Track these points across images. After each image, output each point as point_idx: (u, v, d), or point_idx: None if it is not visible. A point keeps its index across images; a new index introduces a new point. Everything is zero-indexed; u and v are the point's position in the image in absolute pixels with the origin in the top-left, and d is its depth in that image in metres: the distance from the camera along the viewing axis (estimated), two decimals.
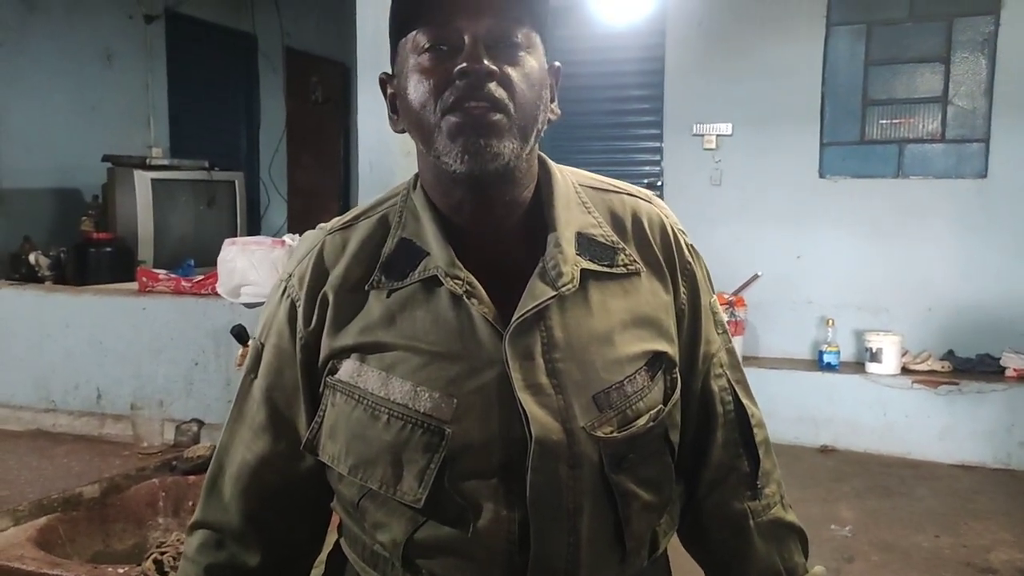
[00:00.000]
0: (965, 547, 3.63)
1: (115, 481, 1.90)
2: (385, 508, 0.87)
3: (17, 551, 1.55)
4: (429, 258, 0.88)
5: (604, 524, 0.87)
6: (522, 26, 0.87)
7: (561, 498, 0.84)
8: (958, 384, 4.80)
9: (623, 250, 0.93)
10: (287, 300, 0.94)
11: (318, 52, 6.56)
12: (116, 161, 4.34)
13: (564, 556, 0.84)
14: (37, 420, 2.29)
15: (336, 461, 0.89)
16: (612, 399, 0.87)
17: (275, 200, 6.19)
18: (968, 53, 5.09)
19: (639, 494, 0.88)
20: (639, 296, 0.92)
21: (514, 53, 0.86)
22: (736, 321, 5.21)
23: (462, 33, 0.84)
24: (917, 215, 5.21)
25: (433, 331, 0.86)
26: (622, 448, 0.87)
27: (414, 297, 0.88)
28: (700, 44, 5.60)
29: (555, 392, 0.85)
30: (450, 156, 0.84)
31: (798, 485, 4.36)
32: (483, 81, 0.83)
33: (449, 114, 0.83)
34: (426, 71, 0.85)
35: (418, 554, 0.86)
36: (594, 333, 0.88)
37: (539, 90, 0.88)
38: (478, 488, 0.84)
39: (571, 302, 0.88)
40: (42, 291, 2.51)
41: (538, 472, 0.83)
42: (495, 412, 0.84)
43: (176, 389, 2.18)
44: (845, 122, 5.36)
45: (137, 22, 5.05)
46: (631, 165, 5.84)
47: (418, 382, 0.85)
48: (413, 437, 0.84)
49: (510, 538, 0.84)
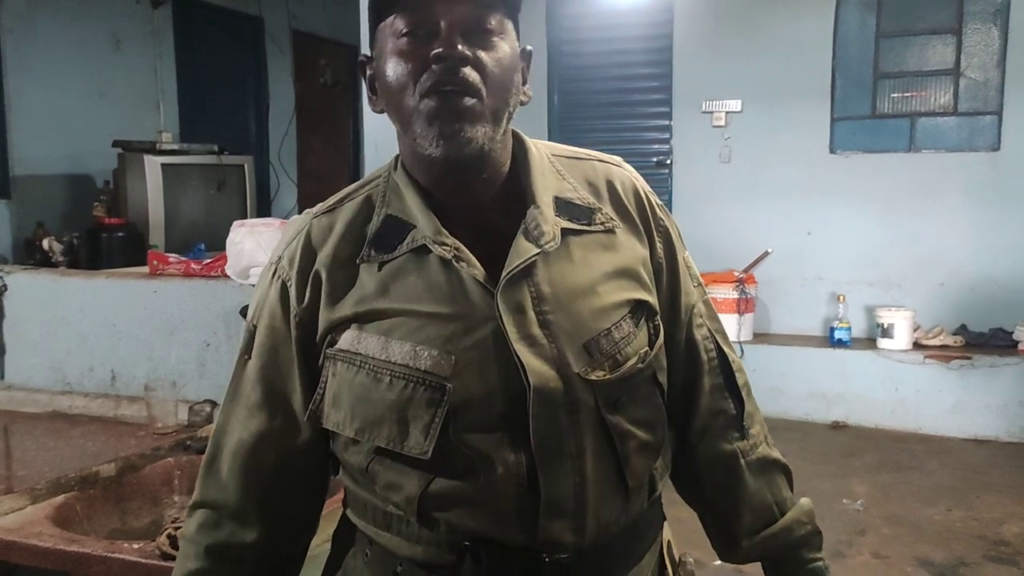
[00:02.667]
0: (977, 520, 3.64)
1: (131, 460, 1.92)
2: (395, 469, 0.90)
3: (35, 528, 1.58)
4: (416, 230, 0.92)
5: (606, 464, 0.91)
6: (495, 12, 0.91)
7: (563, 442, 0.88)
8: (971, 359, 4.79)
9: (599, 210, 0.98)
10: (278, 281, 0.97)
11: (326, 34, 6.56)
12: (126, 146, 4.36)
13: (571, 496, 0.89)
14: (53, 402, 2.32)
15: (342, 426, 0.92)
16: (601, 345, 0.91)
17: (285, 183, 6.21)
18: (980, 24, 5.03)
19: (635, 433, 0.93)
20: (617, 251, 0.97)
21: (488, 39, 0.90)
22: (747, 298, 5.21)
23: (438, 19, 0.88)
24: (929, 189, 5.17)
25: (426, 295, 0.90)
26: (615, 390, 0.92)
27: (404, 267, 0.92)
28: (708, 20, 5.55)
29: (548, 342, 0.89)
30: (427, 140, 0.89)
31: (810, 461, 4.37)
32: (458, 66, 0.87)
33: (426, 98, 0.88)
34: (404, 55, 0.89)
35: (433, 507, 0.89)
36: (579, 285, 0.93)
37: (511, 74, 0.92)
38: (483, 438, 0.88)
39: (555, 258, 0.92)
40: (56, 276, 2.54)
41: (539, 419, 0.87)
42: (492, 366, 0.88)
43: (189, 370, 2.20)
44: (856, 96, 5.32)
45: (144, 7, 5.06)
46: (640, 143, 5.82)
47: (417, 342, 0.88)
48: (416, 394, 0.87)
49: (520, 482, 0.88)
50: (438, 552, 0.90)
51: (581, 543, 0.90)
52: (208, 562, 0.99)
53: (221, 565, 0.99)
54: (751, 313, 5.28)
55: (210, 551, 0.99)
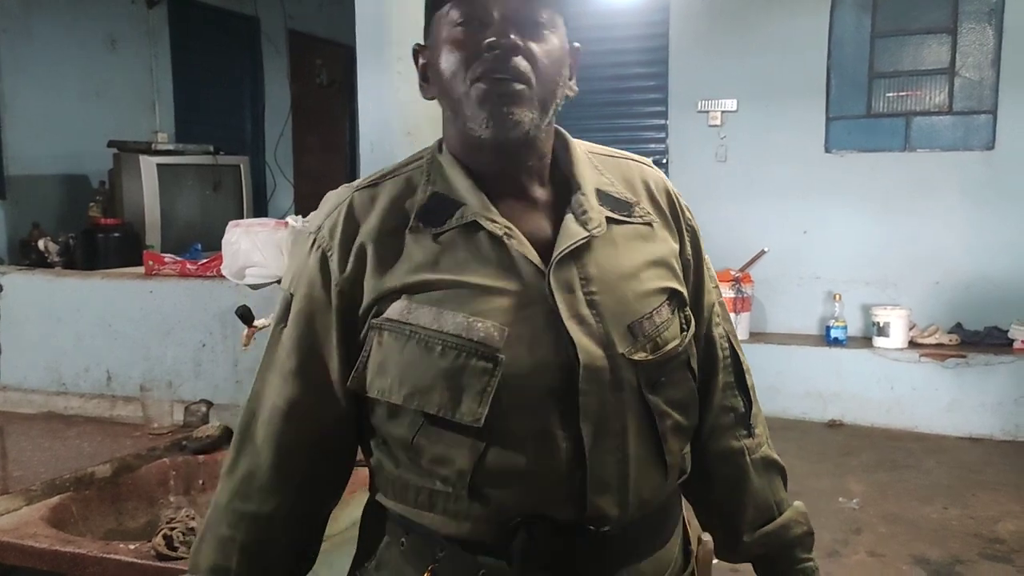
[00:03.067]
0: (973, 518, 3.65)
1: (126, 461, 1.92)
2: (444, 441, 0.91)
3: (31, 529, 1.58)
4: (465, 207, 0.95)
5: (646, 442, 0.95)
6: (546, 7, 0.95)
7: (609, 419, 0.91)
8: (966, 357, 4.80)
9: (637, 204, 1.03)
10: (317, 251, 0.98)
11: (322, 34, 6.55)
12: (122, 147, 4.35)
13: (615, 472, 0.92)
14: (49, 403, 2.32)
15: (388, 393, 0.93)
16: (644, 328, 0.95)
17: (281, 183, 6.20)
18: (975, 23, 5.04)
19: (671, 414, 0.97)
20: (655, 243, 1.02)
21: (538, 31, 0.94)
22: (743, 297, 5.22)
23: (491, 10, 0.92)
24: (924, 188, 5.19)
25: (477, 269, 0.93)
26: (655, 372, 0.95)
27: (454, 241, 0.94)
28: (704, 19, 5.56)
29: (595, 322, 0.92)
30: (476, 122, 0.93)
31: (807, 459, 4.38)
32: (509, 54, 0.91)
33: (478, 82, 0.92)
34: (458, 43, 0.93)
35: (484, 482, 0.90)
36: (623, 270, 0.97)
37: (559, 67, 0.96)
38: (533, 412, 0.90)
39: (600, 243, 0.96)
40: (52, 276, 2.54)
41: (587, 395, 0.90)
42: (542, 341, 0.91)
43: (184, 370, 2.20)
44: (851, 96, 5.33)
45: (140, 7, 5.05)
46: (636, 143, 5.82)
47: (470, 313, 0.90)
48: (469, 363, 0.89)
49: (567, 456, 0.90)
50: (487, 529, 0.91)
51: (624, 517, 0.93)
52: (239, 530, 0.99)
53: (251, 533, 1.00)
54: (747, 312, 5.29)
55: (242, 518, 0.99)
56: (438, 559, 0.94)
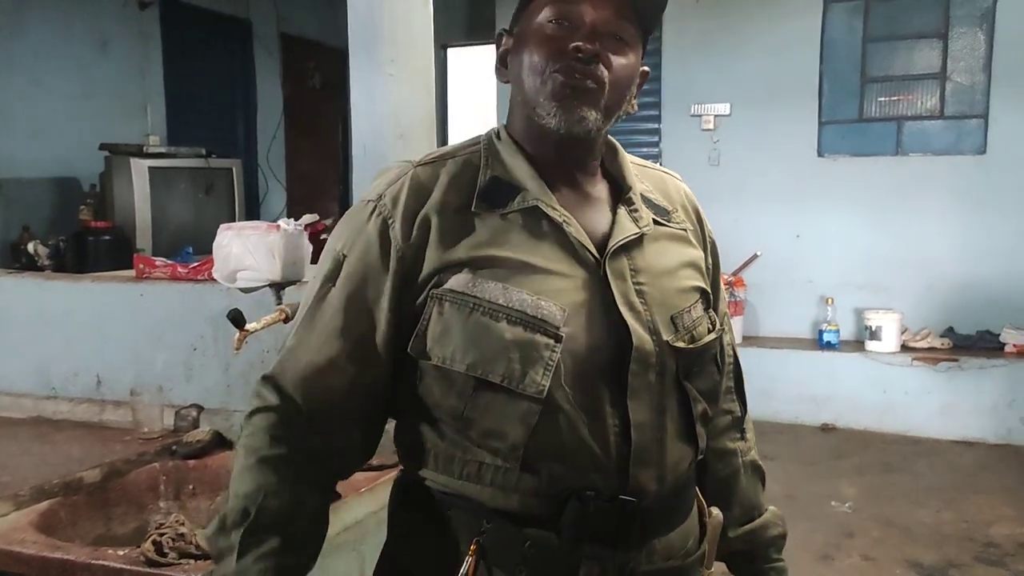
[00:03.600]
0: (966, 522, 3.65)
1: (116, 466, 1.90)
2: (497, 413, 0.95)
3: (19, 535, 1.55)
4: (526, 192, 1.01)
5: (681, 423, 1.02)
6: (632, 26, 1.02)
7: (652, 399, 0.99)
8: (958, 360, 4.81)
9: (674, 211, 1.12)
10: (378, 218, 1.01)
11: (314, 37, 6.54)
12: (113, 149, 4.34)
13: (655, 449, 0.99)
14: (38, 407, 2.29)
15: (450, 361, 0.96)
16: (684, 320, 1.03)
17: (274, 186, 6.19)
18: (966, 28, 5.06)
19: (701, 400, 1.05)
20: (688, 247, 1.11)
21: (620, 45, 1.01)
22: (736, 301, 5.22)
23: (584, 16, 0.99)
24: (916, 192, 5.20)
25: (539, 251, 0.99)
26: (691, 361, 1.03)
27: (516, 223, 1.00)
28: (697, 23, 5.57)
29: (643, 309, 1.00)
30: (547, 111, 0.99)
31: (799, 463, 4.38)
32: (591, 60, 0.98)
33: (556, 75, 0.98)
34: (547, 38, 0.99)
35: (536, 454, 0.94)
36: (665, 266, 1.05)
37: (629, 82, 1.03)
38: (587, 388, 0.96)
39: (647, 240, 1.05)
40: (41, 279, 2.51)
41: (636, 376, 0.97)
42: (597, 323, 0.97)
43: (175, 375, 2.18)
44: (843, 100, 5.34)
45: (131, 9, 5.03)
46: (629, 146, 5.57)
47: (534, 291, 0.96)
48: (534, 337, 0.94)
49: (615, 431, 0.97)
50: (536, 502, 0.95)
51: (660, 491, 0.99)
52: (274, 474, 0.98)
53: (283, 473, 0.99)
54: (740, 316, 5.29)
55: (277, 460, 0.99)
56: (484, 532, 0.96)
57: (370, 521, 1.74)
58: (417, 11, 2.06)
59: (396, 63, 2.01)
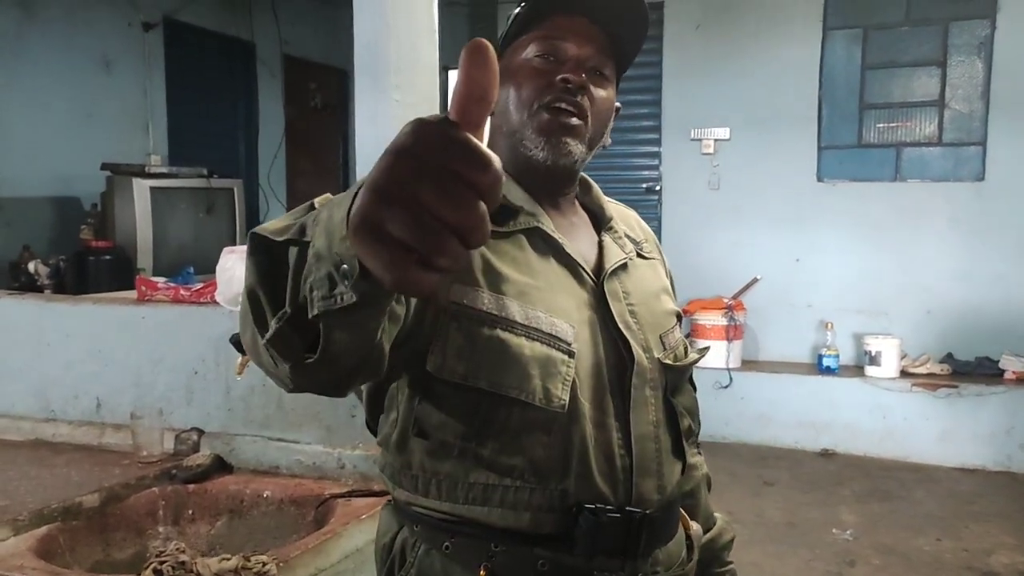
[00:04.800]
0: (966, 551, 3.63)
1: (115, 490, 1.89)
2: (511, 430, 0.96)
3: (17, 561, 1.55)
4: (529, 216, 1.05)
5: (672, 437, 1.07)
6: (611, 62, 1.08)
7: (649, 412, 1.04)
8: (957, 387, 4.80)
9: (644, 242, 1.18)
10: None
11: (316, 58, 6.57)
12: (115, 169, 4.34)
13: (654, 459, 1.03)
14: (37, 430, 2.29)
15: (470, 378, 0.95)
16: (669, 340, 1.10)
17: (274, 207, 6.19)
18: (964, 57, 5.10)
19: (686, 416, 1.11)
20: (660, 275, 1.18)
21: (601, 80, 1.07)
22: (735, 325, 5.22)
23: (568, 52, 1.05)
24: (915, 218, 5.22)
25: (543, 271, 1.03)
26: (676, 378, 1.09)
27: (518, 243, 1.03)
28: (697, 48, 5.61)
29: (637, 328, 1.06)
30: (534, 144, 1.04)
31: (799, 489, 4.36)
32: (577, 91, 1.03)
33: (544, 110, 1.03)
34: (535, 72, 1.05)
35: (550, 469, 0.97)
36: (648, 290, 1.12)
37: (608, 115, 1.09)
38: (595, 402, 1.00)
39: (630, 266, 1.11)
40: (42, 300, 2.51)
41: (637, 390, 1.03)
42: (599, 341, 1.02)
43: (176, 398, 2.17)
44: (842, 126, 5.37)
45: (135, 29, 5.06)
46: (629, 170, 5.84)
47: (546, 309, 0.99)
48: (551, 353, 0.97)
49: (619, 443, 1.01)
50: (548, 517, 0.97)
51: (661, 501, 1.03)
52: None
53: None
54: (739, 340, 5.28)
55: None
56: (492, 555, 0.97)
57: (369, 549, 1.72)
58: (423, 38, 2.07)
59: (401, 88, 2.02)
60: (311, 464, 2.02)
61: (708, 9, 5.55)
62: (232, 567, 1.45)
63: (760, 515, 3.97)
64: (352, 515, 1.75)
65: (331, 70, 6.72)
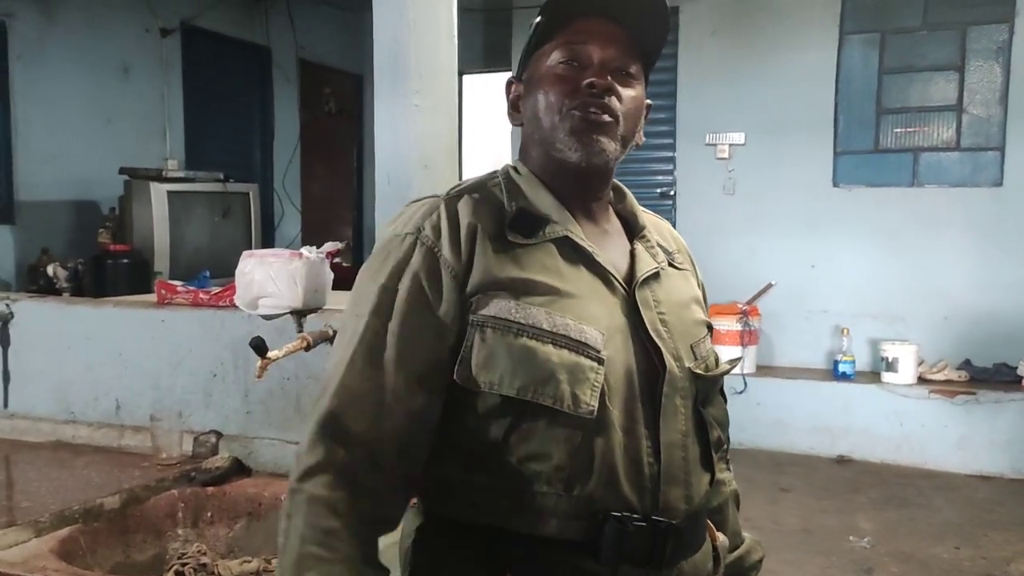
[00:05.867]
0: (985, 559, 3.60)
1: (135, 492, 1.90)
2: (541, 437, 0.96)
3: (39, 562, 1.55)
4: (556, 224, 1.05)
5: (700, 447, 1.06)
6: (636, 61, 1.08)
7: (678, 421, 1.03)
8: (975, 394, 4.77)
9: (677, 252, 1.18)
10: (422, 248, 1.01)
11: (332, 63, 6.61)
12: (132, 173, 4.37)
13: (681, 468, 1.02)
14: (57, 431, 2.30)
15: (498, 386, 0.96)
16: (700, 350, 1.09)
17: (289, 211, 6.22)
18: (982, 61, 5.07)
19: (715, 427, 1.11)
20: (692, 285, 1.18)
21: (627, 79, 1.07)
22: (750, 330, 5.20)
23: (592, 56, 1.05)
24: (932, 224, 5.19)
25: (573, 278, 1.02)
26: (707, 388, 1.09)
27: (548, 251, 1.03)
28: (713, 53, 5.60)
29: (668, 337, 1.05)
30: (566, 146, 1.04)
31: (815, 496, 4.34)
32: (604, 94, 1.03)
33: (574, 111, 1.04)
34: (560, 78, 1.05)
35: (578, 476, 0.96)
36: (680, 299, 1.11)
37: (639, 113, 1.09)
38: (625, 410, 1.00)
39: (662, 275, 1.10)
40: (63, 304, 2.53)
41: (667, 398, 1.02)
42: (630, 349, 1.02)
43: (195, 400, 2.18)
44: (859, 131, 5.35)
45: (153, 36, 5.10)
46: (644, 175, 5.84)
47: (576, 317, 0.99)
48: (579, 360, 0.97)
49: (647, 451, 1.00)
50: (575, 525, 0.97)
51: (688, 511, 1.03)
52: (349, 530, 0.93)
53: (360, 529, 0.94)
54: (755, 345, 5.27)
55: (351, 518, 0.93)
56: (516, 560, 0.97)
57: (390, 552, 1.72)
58: (443, 43, 2.07)
59: (421, 94, 2.02)
60: None
61: (724, 15, 5.54)
62: (253, 570, 1.46)
63: (776, 522, 3.95)
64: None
65: (346, 75, 6.75)
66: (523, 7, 5.92)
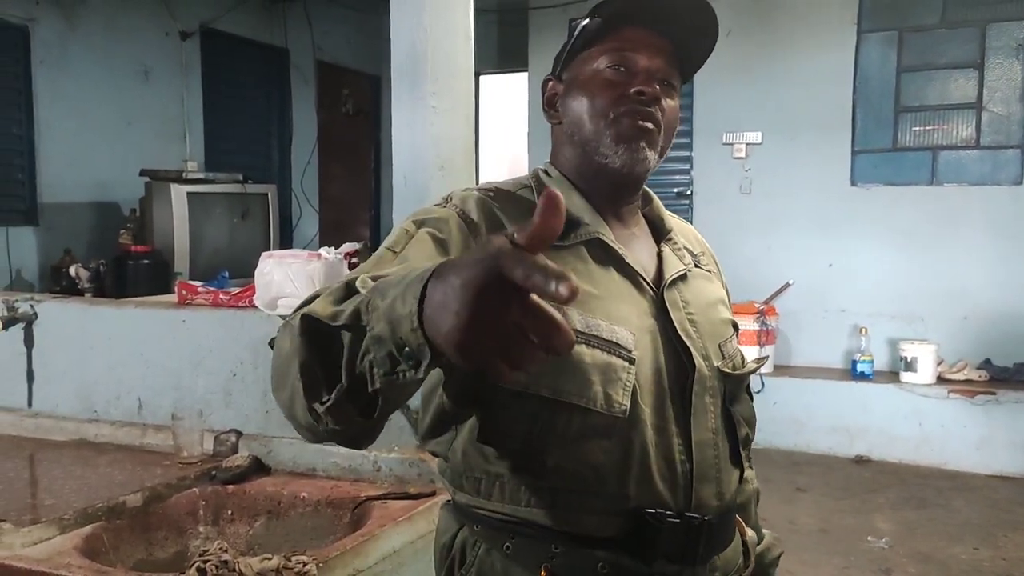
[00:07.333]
0: (1004, 560, 3.57)
1: (157, 490, 1.92)
2: (572, 436, 0.97)
3: (64, 559, 1.58)
4: (588, 226, 1.06)
5: (729, 445, 1.08)
6: (678, 73, 1.11)
7: (708, 420, 1.05)
8: (995, 394, 4.73)
9: (702, 255, 1.20)
10: (454, 209, 1.02)
11: (349, 65, 6.64)
12: (153, 175, 4.42)
13: (712, 466, 1.04)
14: (80, 430, 2.33)
15: (532, 387, 0.97)
16: (727, 350, 1.11)
17: (307, 212, 6.26)
18: (1002, 59, 5.03)
19: (743, 425, 1.13)
20: (718, 287, 1.20)
21: (669, 90, 1.09)
22: (768, 330, 5.18)
23: (639, 63, 1.06)
24: (951, 223, 5.15)
25: (603, 280, 1.04)
26: (734, 387, 1.11)
27: (579, 253, 1.05)
28: (729, 52, 5.57)
29: (696, 337, 1.07)
30: (611, 151, 1.06)
31: (833, 495, 4.32)
32: (652, 103, 1.05)
33: (623, 118, 1.05)
34: (608, 83, 1.06)
35: (612, 474, 0.98)
36: (707, 300, 1.13)
37: (676, 125, 1.11)
38: (656, 409, 1.01)
39: (689, 277, 1.12)
40: (85, 305, 2.56)
41: (698, 396, 1.04)
42: (659, 349, 1.04)
43: (215, 400, 2.20)
44: (877, 129, 5.31)
45: (173, 39, 5.15)
46: (661, 174, 5.80)
47: (607, 317, 1.00)
48: (611, 360, 0.99)
49: (679, 449, 1.02)
50: (610, 521, 0.98)
51: (720, 508, 1.04)
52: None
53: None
54: (772, 345, 5.24)
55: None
56: (553, 556, 0.98)
57: (407, 551, 1.74)
58: (460, 45, 2.09)
59: (438, 95, 2.04)
60: (347, 466, 2.04)
61: (740, 14, 5.52)
62: (274, 567, 1.47)
63: (793, 522, 3.93)
64: (389, 518, 1.76)
65: (363, 76, 6.78)
66: (538, 7, 5.93)
